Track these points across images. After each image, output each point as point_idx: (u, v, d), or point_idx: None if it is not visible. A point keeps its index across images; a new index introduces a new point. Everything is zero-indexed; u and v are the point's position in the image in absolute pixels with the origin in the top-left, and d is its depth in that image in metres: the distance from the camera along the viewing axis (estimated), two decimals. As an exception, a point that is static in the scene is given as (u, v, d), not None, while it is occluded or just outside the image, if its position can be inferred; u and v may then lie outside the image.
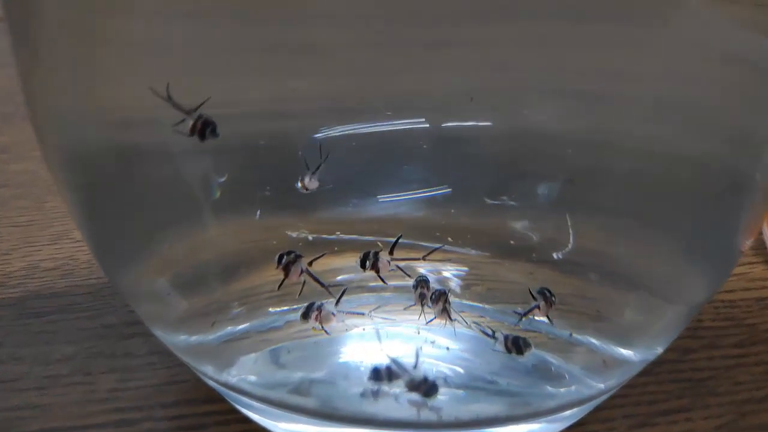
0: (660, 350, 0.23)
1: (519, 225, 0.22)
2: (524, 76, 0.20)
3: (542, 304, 0.21)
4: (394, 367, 0.20)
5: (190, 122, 0.19)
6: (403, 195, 0.22)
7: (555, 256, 0.22)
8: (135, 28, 0.20)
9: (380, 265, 0.21)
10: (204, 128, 0.19)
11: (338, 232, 0.22)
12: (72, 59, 0.20)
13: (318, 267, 0.21)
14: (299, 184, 0.21)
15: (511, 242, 0.22)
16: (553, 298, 0.21)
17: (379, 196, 0.22)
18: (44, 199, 0.40)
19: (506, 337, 0.21)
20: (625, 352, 0.23)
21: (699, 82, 0.20)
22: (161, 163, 0.21)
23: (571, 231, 0.22)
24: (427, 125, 0.21)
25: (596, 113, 0.20)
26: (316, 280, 0.21)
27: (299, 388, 0.22)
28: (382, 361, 0.20)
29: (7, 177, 0.44)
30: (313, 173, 0.21)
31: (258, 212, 0.22)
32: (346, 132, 0.21)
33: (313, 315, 0.21)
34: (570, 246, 0.22)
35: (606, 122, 0.20)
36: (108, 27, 0.20)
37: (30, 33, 0.21)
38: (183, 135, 0.19)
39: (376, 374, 0.20)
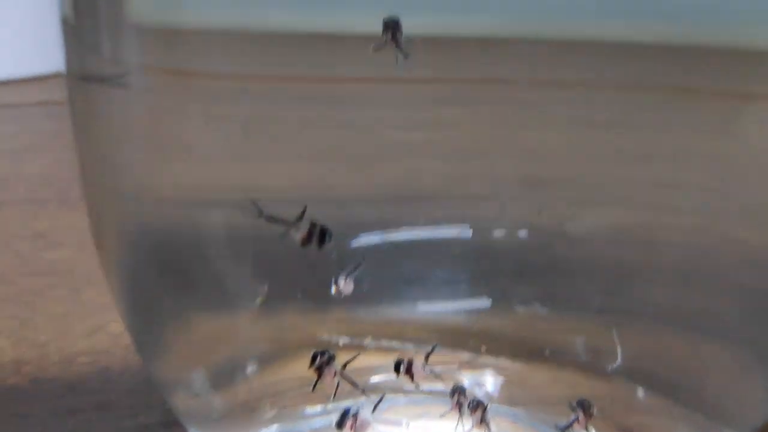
0: None
1: (555, 332, 0.22)
2: (563, 184, 0.20)
3: (581, 416, 0.21)
4: None
5: (302, 231, 0.19)
6: (442, 304, 0.22)
7: (602, 366, 0.22)
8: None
9: (414, 370, 0.21)
10: (323, 236, 0.20)
11: (370, 337, 0.22)
12: (131, 142, 0.21)
13: (349, 365, 0.21)
14: (333, 288, 0.21)
15: (547, 351, 0.22)
16: (593, 410, 0.21)
17: (418, 303, 0.22)
18: (81, 290, 0.40)
19: (553, 458, 0.21)
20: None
21: None
22: (204, 251, 0.21)
23: (612, 339, 0.21)
24: (466, 231, 0.21)
25: (643, 219, 0.20)
26: (352, 383, 0.21)
27: None
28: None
29: (43, 265, 0.43)
30: (348, 275, 0.21)
31: (286, 314, 0.22)
32: (383, 240, 0.21)
33: (348, 423, 0.21)
34: (611, 355, 0.21)
35: (653, 226, 0.20)
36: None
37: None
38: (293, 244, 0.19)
39: None
